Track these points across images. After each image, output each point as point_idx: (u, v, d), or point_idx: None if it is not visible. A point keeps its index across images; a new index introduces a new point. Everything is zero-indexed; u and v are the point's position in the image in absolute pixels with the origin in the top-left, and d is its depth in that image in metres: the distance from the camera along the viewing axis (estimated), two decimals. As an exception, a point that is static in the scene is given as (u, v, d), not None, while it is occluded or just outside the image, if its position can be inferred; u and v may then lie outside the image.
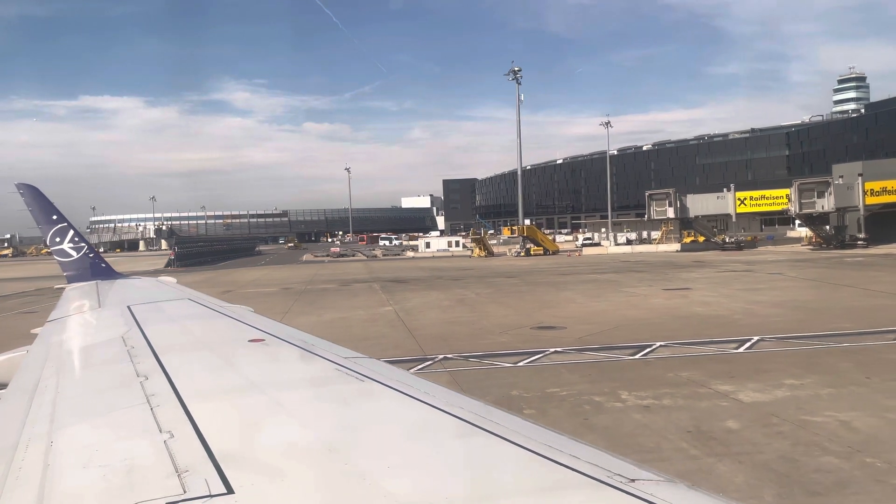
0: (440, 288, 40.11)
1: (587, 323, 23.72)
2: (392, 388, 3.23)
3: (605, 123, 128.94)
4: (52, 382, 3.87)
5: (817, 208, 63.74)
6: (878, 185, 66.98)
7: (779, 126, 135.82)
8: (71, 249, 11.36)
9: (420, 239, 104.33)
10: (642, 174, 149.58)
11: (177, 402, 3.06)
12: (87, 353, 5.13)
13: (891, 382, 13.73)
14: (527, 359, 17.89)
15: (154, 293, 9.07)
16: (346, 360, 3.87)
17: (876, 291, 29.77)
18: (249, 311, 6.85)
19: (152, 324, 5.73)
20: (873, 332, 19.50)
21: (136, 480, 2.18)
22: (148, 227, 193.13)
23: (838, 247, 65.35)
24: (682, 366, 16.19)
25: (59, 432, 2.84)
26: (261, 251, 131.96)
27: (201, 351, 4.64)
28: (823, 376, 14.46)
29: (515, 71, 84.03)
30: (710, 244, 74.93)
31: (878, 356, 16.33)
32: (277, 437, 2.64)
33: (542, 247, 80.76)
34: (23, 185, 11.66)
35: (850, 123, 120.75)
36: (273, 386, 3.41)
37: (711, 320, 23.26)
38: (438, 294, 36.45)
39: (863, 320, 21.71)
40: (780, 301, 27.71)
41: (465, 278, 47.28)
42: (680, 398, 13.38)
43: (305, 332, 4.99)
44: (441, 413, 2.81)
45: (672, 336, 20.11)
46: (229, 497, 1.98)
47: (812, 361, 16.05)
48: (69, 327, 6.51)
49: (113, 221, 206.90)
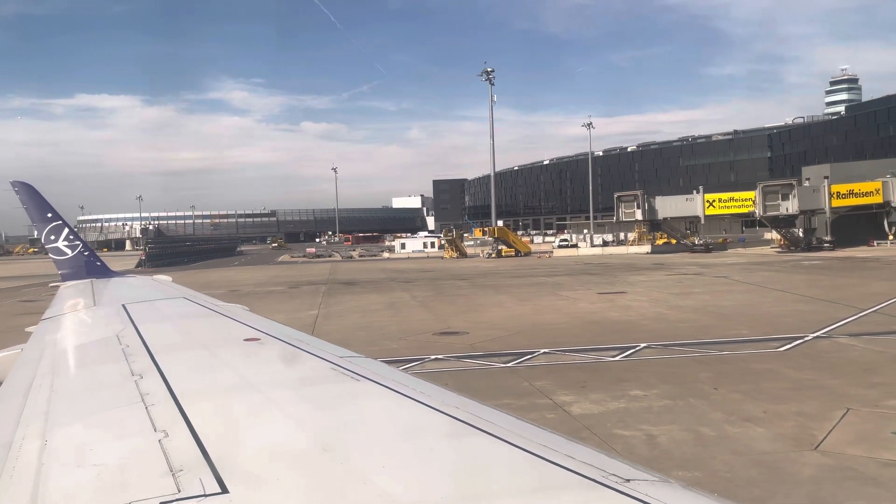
0: (384, 290, 39.92)
1: (494, 328, 23.53)
2: (387, 388, 3.25)
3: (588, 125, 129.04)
4: (46, 381, 3.85)
5: (781, 211, 63.58)
6: (845, 188, 66.93)
7: (761, 128, 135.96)
8: (66, 248, 11.33)
9: (396, 240, 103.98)
10: (626, 175, 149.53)
11: (171, 402, 3.06)
12: (81, 352, 5.10)
13: (733, 394, 13.53)
14: (402, 366, 17.67)
15: (149, 292, 9.00)
16: (341, 360, 3.88)
17: (805, 296, 29.59)
18: (245, 310, 6.88)
19: (147, 322, 5.72)
20: (764, 339, 19.35)
21: (130, 479, 2.18)
22: (134, 226, 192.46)
23: (805, 249, 65.25)
24: (544, 374, 16.00)
25: (54, 431, 2.82)
26: (242, 251, 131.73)
27: (196, 350, 4.62)
28: (673, 387, 14.25)
29: (488, 72, 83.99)
30: (681, 246, 74.89)
31: (743, 366, 16.14)
32: (272, 436, 2.64)
33: (514, 248, 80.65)
34: (18, 183, 11.61)
35: (830, 125, 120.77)
36: (268, 385, 3.41)
37: (618, 325, 23.07)
38: (375, 297, 36.26)
39: (766, 327, 21.56)
40: (700, 306, 27.52)
41: (417, 280, 47.09)
42: (514, 408, 13.14)
43: (301, 332, 4.98)
44: (436, 413, 2.81)
45: (565, 342, 19.94)
46: (224, 496, 1.97)
47: (674, 371, 15.86)
48: (64, 326, 6.49)
49: (100, 221, 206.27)
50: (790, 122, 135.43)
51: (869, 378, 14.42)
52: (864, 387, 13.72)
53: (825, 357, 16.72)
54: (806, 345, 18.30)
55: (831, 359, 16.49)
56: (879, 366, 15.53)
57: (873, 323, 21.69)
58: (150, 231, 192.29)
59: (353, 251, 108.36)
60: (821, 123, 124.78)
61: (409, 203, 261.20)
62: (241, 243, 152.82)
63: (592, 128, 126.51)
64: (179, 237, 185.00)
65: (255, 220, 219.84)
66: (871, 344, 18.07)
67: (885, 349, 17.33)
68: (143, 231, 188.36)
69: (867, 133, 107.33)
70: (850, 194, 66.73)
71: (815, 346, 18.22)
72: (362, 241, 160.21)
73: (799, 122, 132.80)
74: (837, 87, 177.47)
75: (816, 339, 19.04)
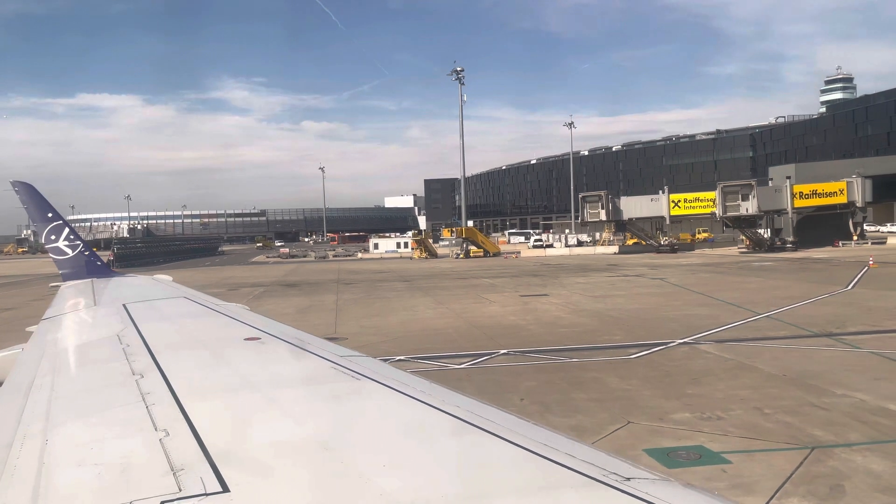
0: (316, 293, 39.60)
1: (377, 334, 23.15)
2: (388, 387, 3.24)
3: (569, 124, 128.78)
4: (47, 380, 3.85)
5: (741, 211, 63.15)
6: (808, 188, 66.49)
7: (744, 127, 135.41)
8: (66, 247, 11.35)
9: (370, 240, 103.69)
10: (611, 175, 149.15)
11: (172, 401, 3.06)
12: (82, 352, 5.09)
13: (533, 405, 13.14)
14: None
15: (149, 291, 9.04)
16: (341, 359, 3.88)
17: (716, 300, 29.15)
18: (245, 309, 6.91)
19: (148, 322, 5.73)
20: (629, 345, 18.98)
21: (131, 479, 2.17)
22: (122, 226, 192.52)
23: (768, 250, 64.82)
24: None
25: (55, 430, 2.82)
26: (223, 251, 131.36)
27: (197, 349, 4.61)
28: (484, 396, 13.82)
29: (458, 71, 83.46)
30: (649, 247, 74.53)
31: (575, 374, 15.73)
32: (273, 435, 2.63)
33: (483, 248, 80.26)
34: (18, 183, 11.63)
35: (810, 125, 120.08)
36: (268, 384, 3.41)
37: (501, 331, 22.66)
38: (300, 300, 35.96)
39: (644, 332, 21.16)
40: (604, 310, 27.10)
41: (361, 282, 46.76)
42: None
43: (302, 331, 4.96)
44: (436, 411, 2.80)
45: (433, 349, 19.59)
46: (224, 495, 1.96)
47: (501, 380, 15.52)
48: (64, 325, 6.49)
49: (89, 221, 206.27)
50: (773, 121, 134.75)
51: (687, 389, 14.02)
52: (673, 398, 13.33)
53: (665, 365, 16.32)
54: (661, 352, 17.89)
55: (669, 367, 16.08)
56: (710, 375, 15.12)
57: (753, 329, 21.28)
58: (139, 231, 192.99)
59: (331, 251, 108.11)
60: (801, 123, 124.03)
61: (402, 203, 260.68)
62: (223, 243, 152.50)
63: (574, 127, 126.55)
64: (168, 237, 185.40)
65: (245, 219, 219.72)
66: (724, 351, 17.65)
67: (733, 357, 16.91)
68: (130, 231, 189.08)
69: (845, 132, 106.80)
70: (814, 194, 66.28)
71: (669, 353, 17.81)
72: (348, 240, 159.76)
73: (781, 121, 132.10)
74: (832, 86, 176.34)
75: (679, 346, 18.63)
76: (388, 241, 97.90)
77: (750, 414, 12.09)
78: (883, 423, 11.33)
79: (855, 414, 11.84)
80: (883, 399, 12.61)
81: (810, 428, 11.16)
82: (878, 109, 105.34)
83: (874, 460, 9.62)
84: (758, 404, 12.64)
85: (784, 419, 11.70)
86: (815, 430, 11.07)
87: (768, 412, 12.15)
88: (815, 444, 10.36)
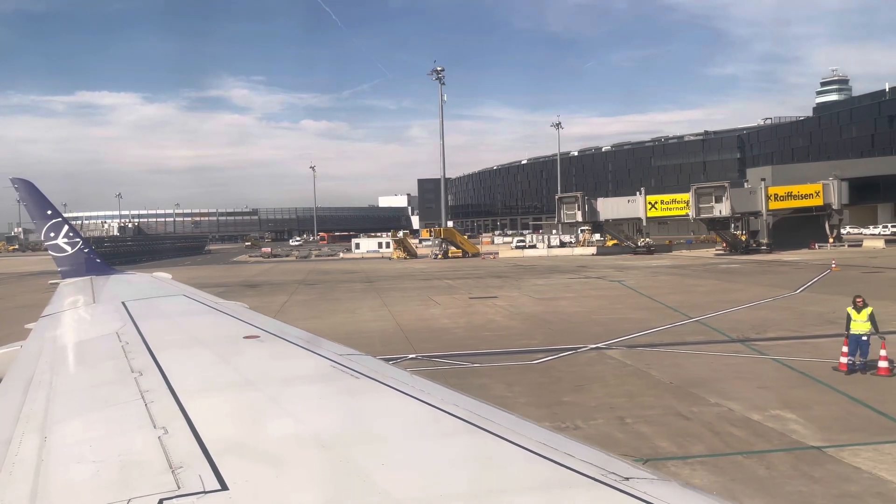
0: (273, 293, 39.43)
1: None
2: (388, 386, 3.23)
3: (556, 125, 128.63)
4: (46, 378, 3.85)
5: (715, 213, 62.88)
6: (783, 190, 66.25)
7: (732, 129, 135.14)
8: (66, 245, 11.32)
9: (352, 240, 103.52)
10: (600, 175, 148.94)
11: (171, 398, 3.06)
12: (81, 349, 5.06)
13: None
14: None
15: (149, 289, 9.01)
16: (341, 357, 3.84)
17: (659, 303, 28.89)
18: (245, 307, 6.91)
19: (147, 320, 5.72)
20: (541, 350, 18.85)
21: (130, 476, 2.17)
22: (112, 224, 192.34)
23: (743, 252, 64.53)
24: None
25: (54, 428, 2.82)
26: (209, 250, 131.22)
27: (196, 347, 4.60)
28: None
29: (438, 70, 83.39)
30: (626, 248, 74.33)
31: (468, 381, 15.54)
32: (272, 433, 2.64)
33: (462, 249, 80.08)
34: (17, 180, 11.65)
35: (796, 127, 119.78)
36: (267, 382, 3.40)
37: (430, 334, 22.48)
38: (252, 300, 35.43)
39: (567, 336, 20.98)
40: (543, 313, 26.90)
41: (323, 283, 46.62)
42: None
43: (301, 329, 4.95)
44: (437, 411, 2.79)
45: (347, 353, 19.36)
46: (223, 493, 1.96)
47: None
48: (63, 323, 6.50)
49: (80, 219, 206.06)
50: (761, 122, 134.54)
51: (564, 397, 13.85)
52: (545, 406, 13.17)
53: (561, 372, 16.15)
54: (565, 358, 17.71)
55: (564, 374, 15.92)
56: (597, 382, 14.93)
57: (673, 334, 21.05)
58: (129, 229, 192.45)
59: (315, 251, 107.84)
60: (787, 125, 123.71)
61: (395, 202, 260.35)
62: (212, 242, 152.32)
63: (561, 128, 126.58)
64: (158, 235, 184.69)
65: (237, 218, 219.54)
66: (628, 357, 17.45)
67: (633, 363, 16.71)
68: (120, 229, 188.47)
69: (831, 134, 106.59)
70: (789, 196, 66.04)
71: (573, 359, 17.62)
72: (337, 240, 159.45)
73: (769, 122, 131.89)
74: (828, 87, 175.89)
75: (587, 352, 18.45)
76: (370, 241, 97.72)
77: (609, 424, 11.90)
78: (735, 434, 11.13)
79: (714, 425, 11.64)
80: (752, 409, 12.41)
81: (659, 439, 10.98)
82: (863, 111, 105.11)
83: (701, 475, 9.43)
84: (624, 413, 12.45)
85: (640, 429, 11.52)
86: (662, 441, 10.89)
87: (629, 421, 11.97)
88: (652, 456, 10.17)
